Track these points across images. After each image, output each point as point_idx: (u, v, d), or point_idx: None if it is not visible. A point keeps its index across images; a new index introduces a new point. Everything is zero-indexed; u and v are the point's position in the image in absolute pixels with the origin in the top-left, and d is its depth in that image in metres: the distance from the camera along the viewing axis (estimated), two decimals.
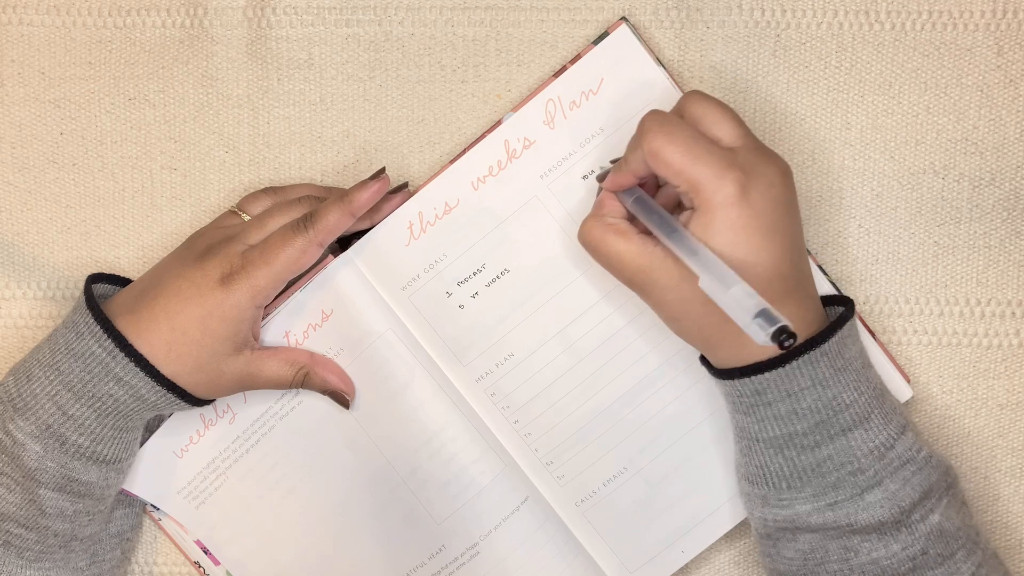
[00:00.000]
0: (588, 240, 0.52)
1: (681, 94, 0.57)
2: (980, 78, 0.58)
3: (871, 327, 0.58)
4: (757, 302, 0.44)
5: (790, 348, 0.44)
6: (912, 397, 0.59)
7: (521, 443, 0.59)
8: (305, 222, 0.53)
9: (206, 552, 0.60)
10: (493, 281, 0.58)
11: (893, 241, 0.59)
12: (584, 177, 0.58)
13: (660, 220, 0.50)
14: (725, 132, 0.50)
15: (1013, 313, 0.59)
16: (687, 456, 0.59)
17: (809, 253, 0.58)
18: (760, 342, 0.43)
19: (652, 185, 0.54)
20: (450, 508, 0.59)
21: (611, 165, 0.55)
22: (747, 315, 0.44)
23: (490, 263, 0.58)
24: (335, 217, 0.54)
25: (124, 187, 0.61)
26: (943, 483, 0.52)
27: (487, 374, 0.59)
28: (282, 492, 0.60)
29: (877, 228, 0.59)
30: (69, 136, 0.60)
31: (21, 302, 0.61)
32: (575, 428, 0.59)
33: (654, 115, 0.50)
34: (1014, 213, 0.59)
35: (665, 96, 0.57)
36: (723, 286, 0.45)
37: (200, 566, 0.61)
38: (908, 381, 0.58)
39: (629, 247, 0.51)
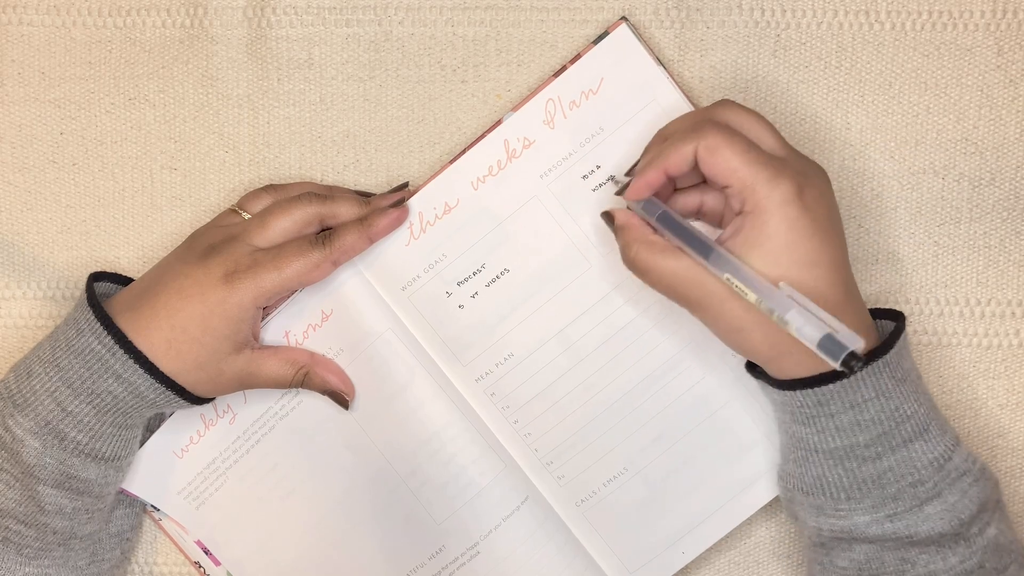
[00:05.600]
0: (638, 264, 0.51)
1: (681, 94, 0.57)
2: (980, 78, 0.58)
3: None
4: (818, 326, 0.44)
5: (860, 370, 0.44)
6: None
7: (521, 443, 0.59)
8: (323, 239, 0.54)
9: (206, 552, 0.60)
10: (493, 281, 0.58)
11: (893, 241, 0.59)
12: (584, 177, 0.58)
13: (692, 239, 0.48)
14: (768, 142, 0.50)
15: (1013, 313, 0.59)
16: (688, 457, 0.59)
17: None
18: (833, 365, 0.43)
19: (667, 192, 0.53)
20: (450, 508, 0.59)
21: (626, 179, 0.53)
22: (811, 342, 0.44)
23: (490, 263, 0.58)
24: (352, 239, 0.55)
25: (124, 187, 0.61)
26: (995, 496, 0.52)
27: (487, 374, 0.59)
28: (282, 492, 0.60)
29: (877, 228, 0.59)
30: (69, 136, 0.60)
31: (21, 302, 0.61)
32: (575, 428, 0.59)
33: (708, 117, 0.50)
34: (1014, 213, 0.59)
35: (665, 96, 0.57)
36: (782, 306, 0.45)
37: (200, 566, 0.60)
38: None
39: (680, 263, 0.49)
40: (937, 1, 0.58)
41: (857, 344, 0.43)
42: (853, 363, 0.43)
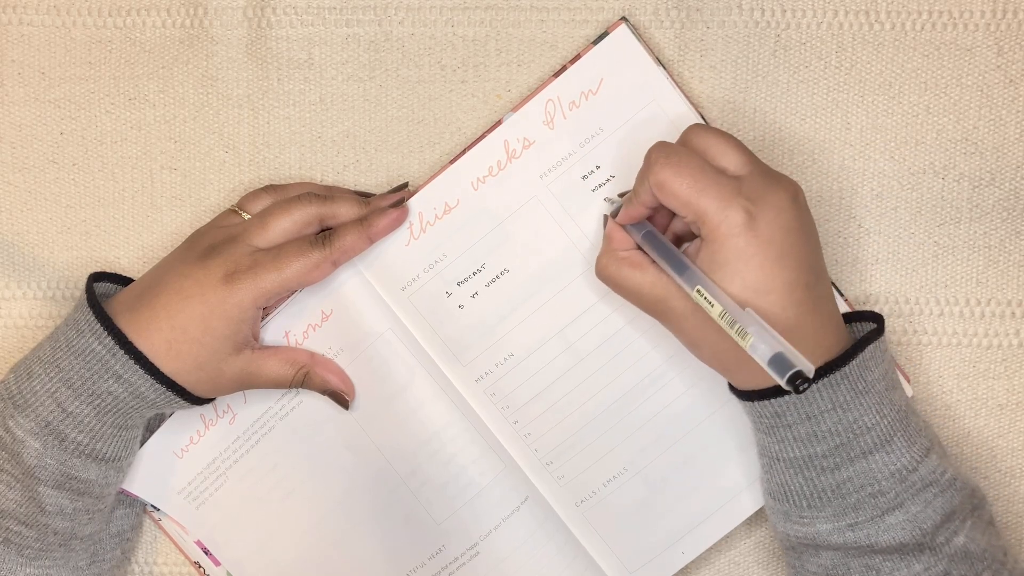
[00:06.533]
0: (605, 275, 0.53)
1: (680, 94, 0.57)
2: (980, 78, 0.58)
3: None
4: (772, 345, 0.44)
5: (804, 391, 0.44)
6: (912, 397, 0.59)
7: (521, 443, 0.59)
8: (323, 239, 0.54)
9: (206, 552, 0.60)
10: (493, 281, 0.58)
11: (893, 241, 0.59)
12: (584, 178, 0.58)
13: (670, 257, 0.50)
14: (731, 161, 0.50)
15: (1013, 313, 0.59)
16: (688, 457, 0.59)
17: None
18: (779, 382, 0.44)
19: (666, 213, 0.54)
20: (450, 508, 0.59)
21: (620, 200, 0.55)
22: (762, 359, 0.44)
23: (490, 263, 0.58)
24: (352, 239, 0.55)
25: (124, 187, 0.61)
26: (968, 505, 0.52)
27: (487, 374, 0.59)
28: (282, 493, 0.60)
29: (877, 228, 0.59)
30: (69, 136, 0.60)
31: (21, 302, 0.61)
32: (575, 428, 0.59)
33: (660, 146, 0.51)
34: (1014, 213, 0.59)
35: (664, 96, 0.57)
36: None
37: (200, 566, 0.61)
38: (908, 381, 0.58)
39: (645, 278, 0.52)
40: (937, 1, 0.58)
41: (806, 365, 0.44)
42: (798, 383, 0.44)
